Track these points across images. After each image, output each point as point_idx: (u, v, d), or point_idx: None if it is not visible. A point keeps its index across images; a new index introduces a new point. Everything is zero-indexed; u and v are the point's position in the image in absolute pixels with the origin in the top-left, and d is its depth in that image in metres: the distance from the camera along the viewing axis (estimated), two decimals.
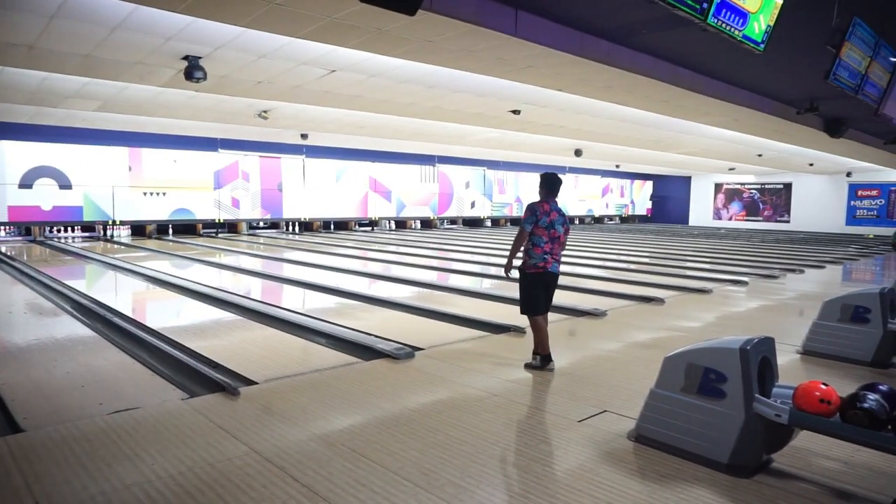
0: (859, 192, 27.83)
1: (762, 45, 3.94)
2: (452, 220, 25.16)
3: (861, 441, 2.74)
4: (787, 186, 29.93)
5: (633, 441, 3.47)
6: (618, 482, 3.00)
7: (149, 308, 8.25)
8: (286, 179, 20.27)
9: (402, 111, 11.36)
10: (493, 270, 12.48)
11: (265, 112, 12.37)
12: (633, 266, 13.13)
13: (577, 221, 30.11)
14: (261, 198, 19.83)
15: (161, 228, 18.42)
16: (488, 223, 26.25)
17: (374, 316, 7.27)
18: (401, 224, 23.65)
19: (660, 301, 8.30)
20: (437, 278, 10.99)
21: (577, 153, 19.56)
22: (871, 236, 24.54)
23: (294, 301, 8.60)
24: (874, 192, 27.42)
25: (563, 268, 5.29)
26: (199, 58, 7.75)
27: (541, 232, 4.83)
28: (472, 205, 25.42)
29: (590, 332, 6.47)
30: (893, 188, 26.73)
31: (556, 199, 4.98)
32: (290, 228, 21.44)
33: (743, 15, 3.56)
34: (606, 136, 15.58)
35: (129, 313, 7.05)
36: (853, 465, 3.22)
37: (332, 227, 22.21)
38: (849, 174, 27.24)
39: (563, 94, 9.39)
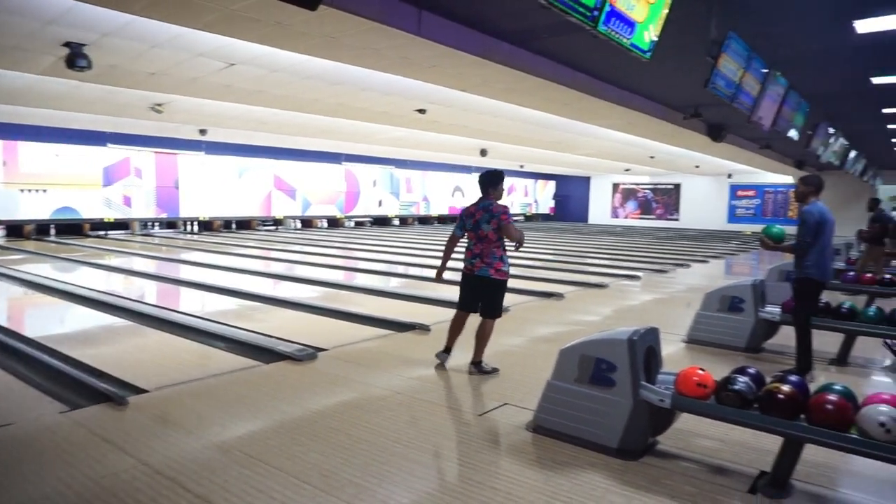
0: (739, 193, 30.19)
1: (649, 54, 4.19)
2: (360, 219, 24.93)
3: (732, 420, 2.98)
4: (677, 187, 31.97)
5: (531, 432, 3.59)
6: (516, 472, 3.09)
7: (26, 315, 7.61)
8: (184, 177, 19.30)
9: (307, 108, 11.12)
10: (400, 269, 12.51)
11: (159, 105, 11.71)
12: (536, 263, 13.54)
13: None
14: (156, 196, 18.76)
15: (41, 228, 16.99)
16: (396, 222, 26.23)
17: (277, 317, 7.08)
18: (307, 223, 23.16)
19: (560, 296, 8.63)
20: (344, 278, 10.86)
21: (483, 153, 19.95)
22: (749, 233, 26.66)
23: (191, 304, 8.21)
24: (751, 193, 29.83)
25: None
26: (84, 45, 7.22)
27: (469, 234, 4.89)
28: (380, 203, 25.31)
29: (494, 328, 6.61)
30: (768, 189, 29.20)
31: (491, 198, 4.82)
32: (189, 228, 20.43)
33: (631, 24, 3.77)
34: (510, 137, 15.98)
35: (1, 322, 6.46)
36: (728, 442, 3.50)
37: (233, 226, 21.38)
38: (730, 176, 29.46)
39: (467, 95, 9.53)
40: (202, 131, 16.13)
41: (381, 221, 25.74)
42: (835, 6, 5.83)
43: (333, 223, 23.81)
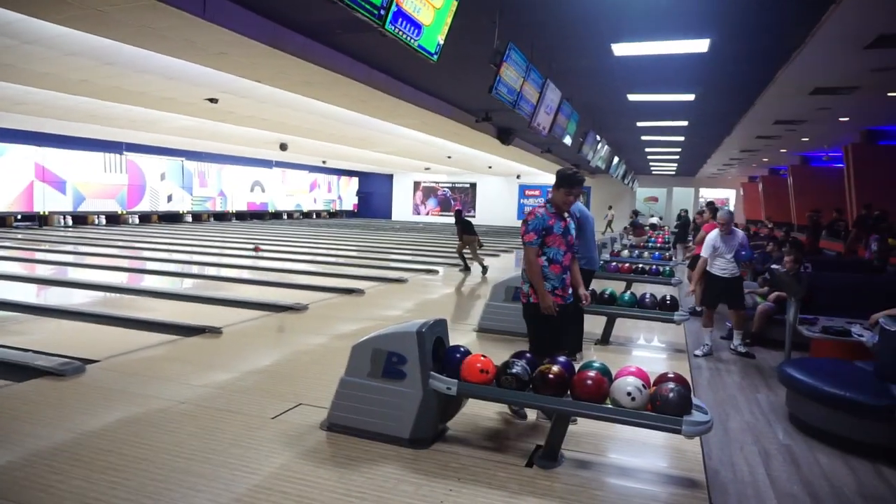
0: (527, 192, 33.04)
1: (436, 57, 4.36)
2: (146, 215, 22.63)
3: (511, 400, 3.24)
4: (473, 185, 34.02)
5: (325, 430, 3.55)
6: (309, 473, 3.03)
7: None
8: None
9: (73, 89, 9.78)
10: (193, 269, 11.61)
11: None
12: (338, 259, 13.47)
13: (285, 217, 29.76)
14: None
15: None
16: (189, 218, 24.29)
17: (40, 329, 6.18)
18: (80, 219, 20.43)
19: (360, 292, 8.67)
20: (126, 280, 9.79)
21: (283, 147, 19.28)
22: None
23: None
24: (537, 192, 32.81)
25: (270, 264, 5.08)
26: None
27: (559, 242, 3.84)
28: (170, 198, 23.24)
29: (291, 328, 6.44)
30: (549, 189, 32.24)
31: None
32: None
33: (418, 26, 3.89)
34: (311, 132, 15.67)
35: None
36: (509, 421, 3.79)
37: None
38: (518, 177, 32.08)
39: (264, 87, 9.13)
40: None
41: (172, 218, 23.64)
42: (596, 29, 6.61)
43: (113, 220, 21.31)
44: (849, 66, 7.66)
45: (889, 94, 9.21)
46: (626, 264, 8.90)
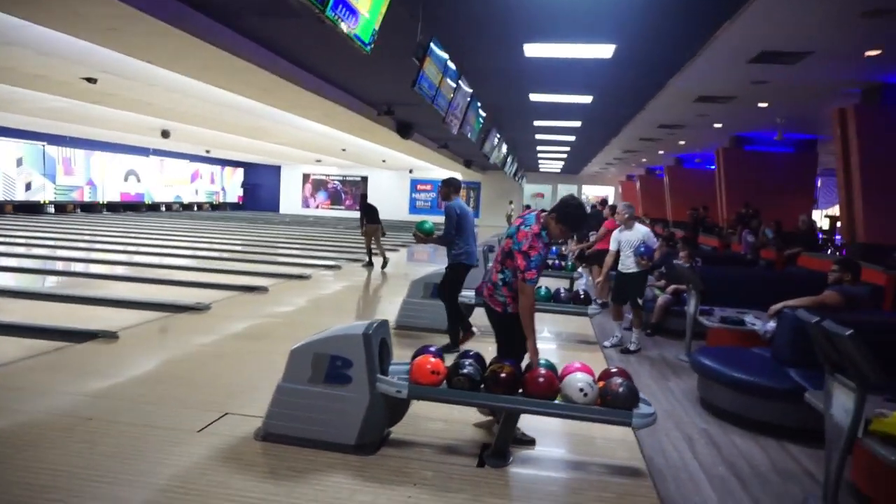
0: (419, 187, 33.16)
1: (369, 47, 4.20)
2: None
3: (466, 402, 3.20)
4: (365, 179, 33.59)
5: (261, 440, 3.32)
6: (250, 489, 2.82)
7: None
8: None
9: None
10: (72, 266, 10.50)
11: None
12: (233, 255, 12.77)
13: (164, 209, 27.79)
14: None
15: None
16: (51, 209, 21.94)
17: None
18: None
19: (264, 290, 8.26)
20: None
21: (165, 134, 17.96)
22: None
23: None
24: (428, 187, 33.05)
25: (157, 260, 4.65)
26: None
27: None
28: (28, 187, 20.87)
29: (194, 329, 5.99)
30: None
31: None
32: None
33: (355, 13, 3.72)
34: (199, 119, 14.70)
35: None
36: (451, 421, 3.74)
37: None
38: (411, 171, 32.10)
39: (153, 68, 8.40)
40: None
41: (31, 208, 21.22)
42: (511, 28, 6.70)
43: None
44: (731, 78, 8.36)
45: (759, 105, 10.16)
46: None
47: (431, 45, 5.75)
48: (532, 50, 7.37)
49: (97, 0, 5.26)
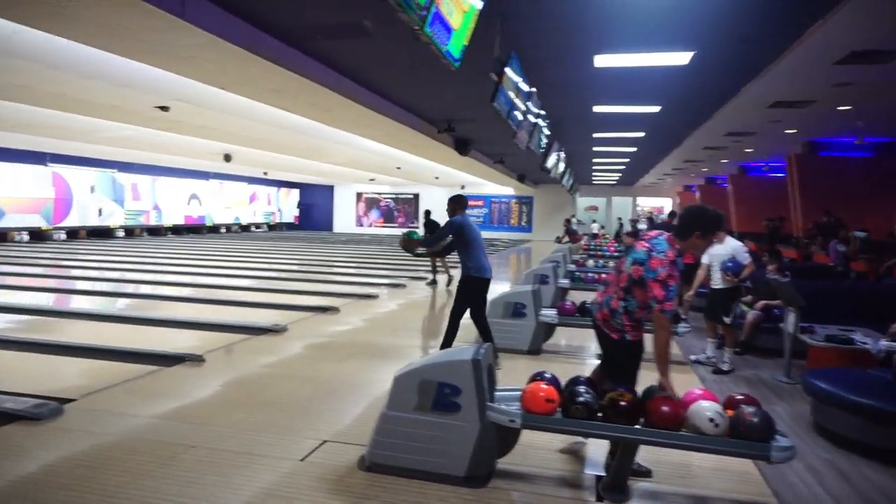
0: (470, 203, 33.03)
1: (458, 63, 4.13)
2: (73, 231, 21.05)
3: (582, 432, 3.02)
4: (416, 196, 33.76)
5: (366, 471, 3.21)
6: None
7: None
8: None
9: (9, 95, 8.91)
10: (146, 289, 10.79)
11: None
12: (298, 275, 12.90)
13: (223, 230, 28.55)
14: None
15: None
16: (121, 233, 22.82)
17: None
18: (0, 236, 18.77)
19: (335, 310, 8.26)
20: (78, 303, 8.97)
21: (227, 158, 18.45)
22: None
23: None
24: (480, 203, 32.97)
25: (224, 281, 4.64)
26: None
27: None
28: (100, 213, 21.77)
29: (275, 351, 5.98)
30: (494, 199, 32.60)
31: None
32: None
33: (449, 30, 3.66)
34: (259, 142, 15.03)
35: None
36: (553, 450, 3.57)
37: None
38: (463, 187, 32.07)
39: (220, 93, 8.59)
40: None
41: (103, 233, 22.12)
42: (581, 40, 6.55)
43: (37, 236, 19.71)
44: (813, 81, 7.96)
45: (839, 108, 9.66)
46: (603, 275, 8.89)
47: (511, 58, 5.63)
48: (602, 61, 7.20)
49: (182, 30, 5.38)
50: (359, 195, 34.71)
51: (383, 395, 4.76)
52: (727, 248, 6.04)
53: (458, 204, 5.76)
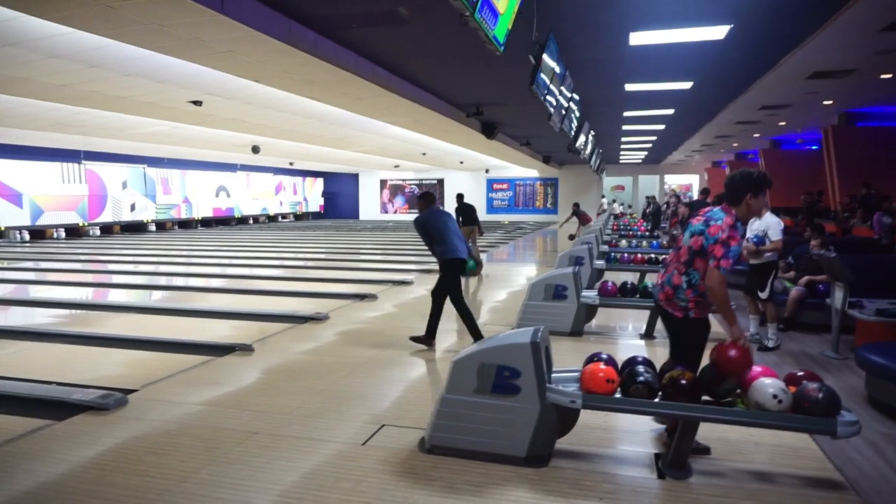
0: (495, 186, 32.99)
1: (503, 48, 4.12)
2: (107, 226, 21.54)
3: (644, 411, 3.04)
4: (441, 181, 33.74)
5: (426, 453, 3.28)
6: (436, 503, 2.78)
7: None
8: None
9: (48, 94, 9.11)
10: (180, 281, 11.02)
11: None
12: (330, 262, 13.05)
13: (251, 221, 28.92)
14: None
15: None
16: (153, 228, 23.29)
17: (37, 356, 5.64)
18: (38, 234, 19.29)
19: (373, 297, 8.35)
20: (99, 296, 9.20)
21: (255, 150, 18.64)
22: (507, 223, 29.24)
23: None
24: (505, 186, 32.83)
25: (259, 271, 4.69)
26: None
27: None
28: (133, 208, 22.22)
29: (320, 338, 6.08)
30: (518, 182, 32.40)
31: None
32: None
33: (495, 15, 3.65)
34: (287, 133, 15.16)
35: None
36: (609, 429, 3.60)
37: None
38: (487, 171, 31.98)
39: (252, 86, 8.69)
40: None
41: (136, 228, 22.62)
42: (617, 17, 6.46)
43: (73, 232, 20.22)
44: (856, 50, 7.76)
45: (882, 76, 9.41)
46: (639, 255, 8.84)
47: (549, 40, 5.59)
48: (637, 38, 7.10)
49: (220, 25, 5.45)
50: (383, 182, 34.80)
51: (432, 380, 4.86)
52: (763, 223, 5.94)
53: (423, 200, 5.89)
